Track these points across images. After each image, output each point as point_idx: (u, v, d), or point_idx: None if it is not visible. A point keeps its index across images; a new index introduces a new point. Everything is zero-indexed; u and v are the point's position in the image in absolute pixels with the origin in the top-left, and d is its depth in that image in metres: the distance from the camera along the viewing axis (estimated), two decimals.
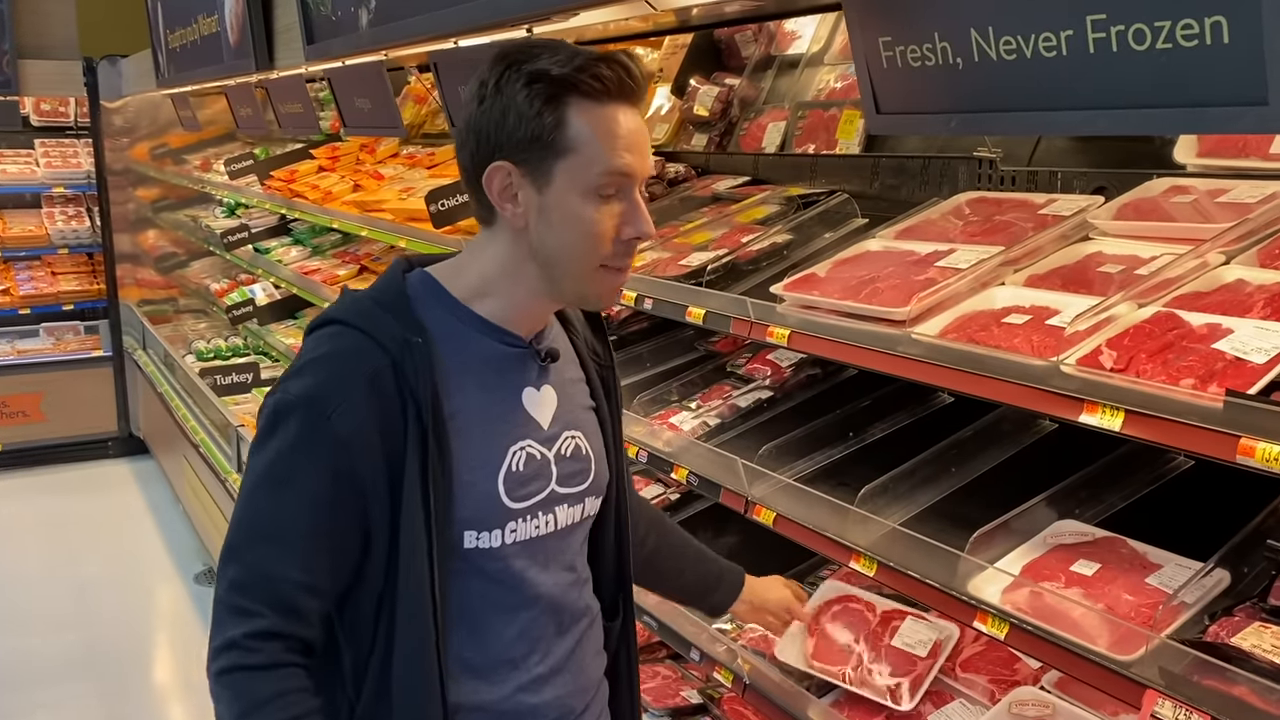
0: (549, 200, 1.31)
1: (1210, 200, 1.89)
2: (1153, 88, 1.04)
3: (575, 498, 1.49)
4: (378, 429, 1.28)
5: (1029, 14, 1.12)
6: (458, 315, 1.38)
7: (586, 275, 1.34)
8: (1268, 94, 0.93)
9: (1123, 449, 1.96)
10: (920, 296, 1.84)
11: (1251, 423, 1.32)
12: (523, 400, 1.41)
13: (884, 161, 2.68)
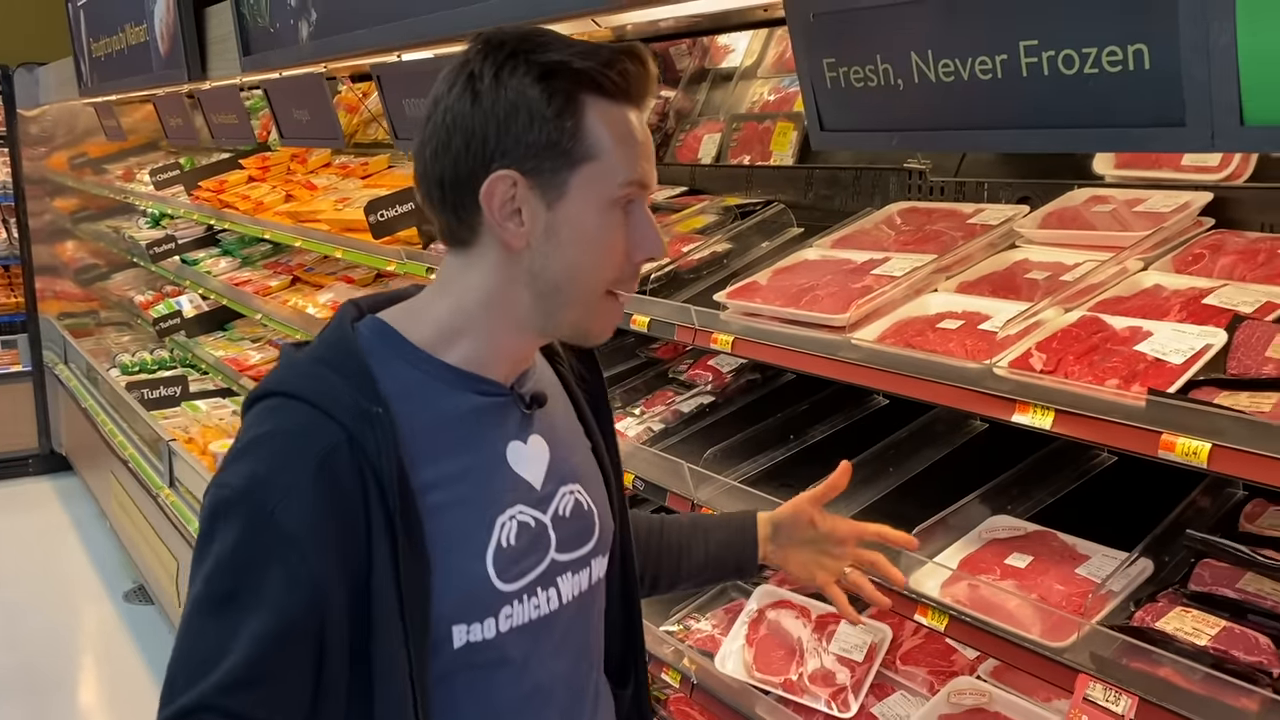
0: (559, 216, 1.11)
1: (1128, 209, 1.99)
2: (1081, 109, 1.12)
3: (579, 562, 1.26)
4: (333, 521, 1.05)
5: (965, 39, 1.20)
6: (422, 368, 1.15)
7: (591, 303, 1.15)
8: (1185, 116, 1.02)
9: (1050, 447, 2.06)
10: (858, 303, 1.92)
11: (1172, 419, 1.41)
12: (507, 459, 1.18)
13: (817, 172, 2.76)
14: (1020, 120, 1.20)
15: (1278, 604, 1.52)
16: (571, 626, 1.26)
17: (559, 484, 1.24)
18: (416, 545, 1.09)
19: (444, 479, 1.13)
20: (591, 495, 1.29)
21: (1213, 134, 0.99)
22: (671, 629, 2.45)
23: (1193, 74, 0.98)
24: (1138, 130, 1.09)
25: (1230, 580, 1.58)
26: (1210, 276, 1.74)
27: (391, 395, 1.11)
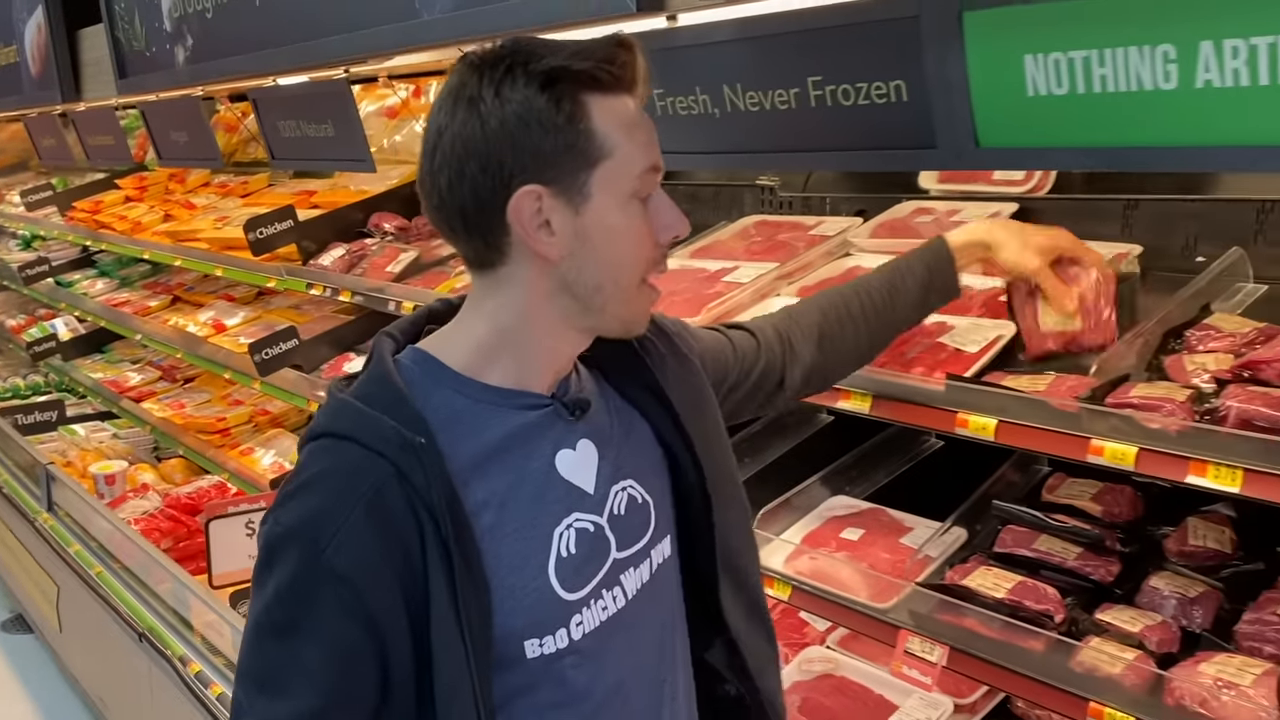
0: (588, 220, 1.10)
1: (947, 219, 2.23)
2: (857, 134, 1.32)
3: (639, 555, 1.25)
4: (386, 557, 1.07)
5: (765, 75, 1.39)
6: (465, 392, 1.15)
7: (632, 296, 1.15)
8: (935, 140, 1.22)
9: (885, 434, 2.29)
10: (709, 307, 2.10)
11: (966, 400, 1.62)
12: (558, 468, 1.18)
13: (681, 189, 2.96)
14: (812, 144, 1.40)
15: (1065, 560, 1.76)
16: (641, 617, 1.24)
17: (612, 482, 1.22)
18: (474, 568, 1.09)
19: (496, 499, 1.13)
20: (646, 486, 1.27)
21: (957, 154, 1.20)
22: None
23: (938, 106, 1.19)
24: (901, 152, 1.30)
25: (1027, 542, 1.81)
26: None
27: (437, 424, 1.11)
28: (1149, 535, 1.82)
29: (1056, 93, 1.07)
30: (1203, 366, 1.52)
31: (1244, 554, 1.72)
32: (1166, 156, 1.05)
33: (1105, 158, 1.10)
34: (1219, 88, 0.96)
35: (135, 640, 3.43)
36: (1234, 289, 1.79)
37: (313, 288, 3.39)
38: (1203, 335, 1.60)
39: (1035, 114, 1.11)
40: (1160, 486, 1.92)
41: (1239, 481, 1.33)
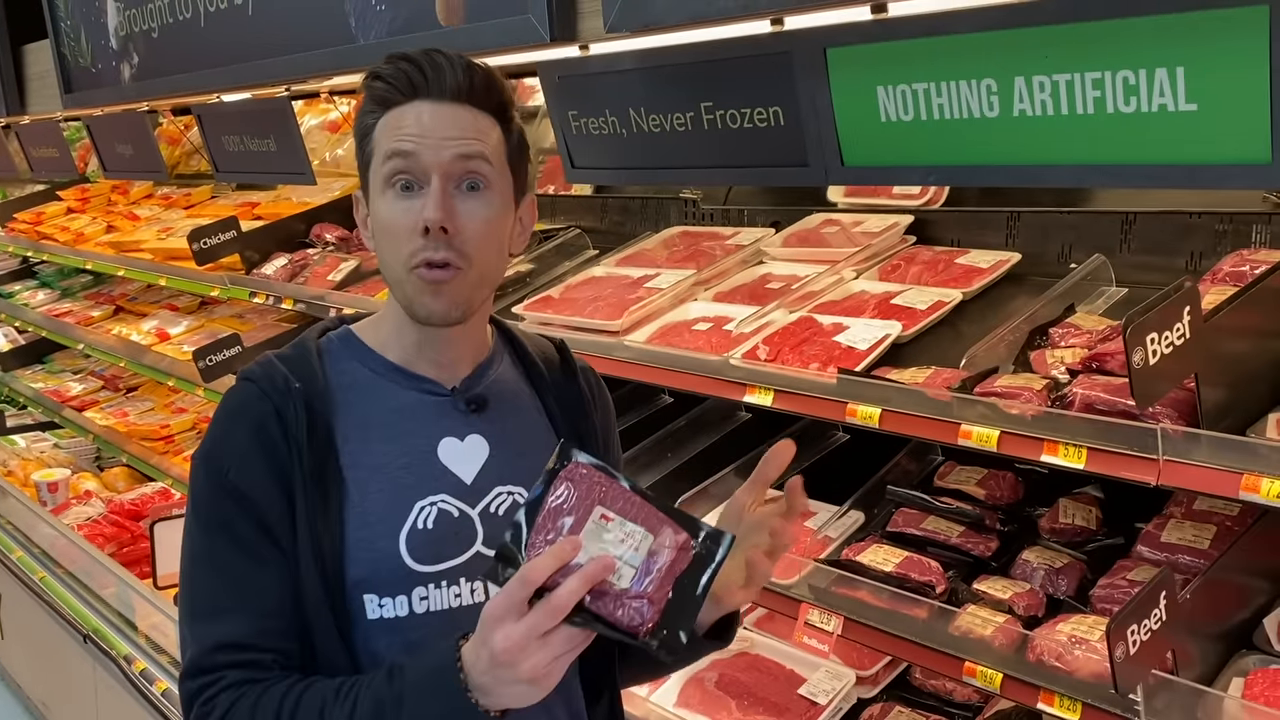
0: (372, 212, 1.25)
1: (852, 229, 2.42)
2: (743, 153, 1.49)
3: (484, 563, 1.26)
4: (273, 477, 1.22)
5: (664, 99, 1.56)
6: (370, 365, 1.30)
7: (404, 280, 1.22)
8: (807, 159, 1.39)
9: (797, 426, 2.46)
10: (630, 311, 2.26)
11: (855, 392, 1.80)
12: (438, 452, 1.27)
13: (611, 201, 3.12)
14: (705, 162, 1.57)
15: (949, 537, 1.94)
16: None
17: (496, 482, 1.29)
18: (330, 509, 1.21)
19: (372, 460, 1.24)
20: None
21: (826, 172, 1.37)
22: None
23: (808, 129, 1.36)
24: (779, 169, 1.47)
25: (917, 522, 1.98)
26: (903, 282, 2.16)
27: (339, 385, 1.27)
28: (1026, 515, 2.00)
29: (904, 119, 1.25)
30: (1061, 360, 1.70)
31: (1108, 530, 1.91)
32: (993, 173, 1.22)
33: (945, 174, 1.27)
34: (1031, 116, 1.14)
35: (80, 642, 3.50)
36: (1098, 292, 1.99)
37: (256, 296, 3.49)
38: (1064, 332, 1.79)
39: (888, 137, 1.28)
40: (1039, 472, 2.12)
41: (1084, 459, 1.51)
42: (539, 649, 1.03)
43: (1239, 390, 1.46)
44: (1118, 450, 1.46)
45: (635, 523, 1.06)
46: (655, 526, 1.06)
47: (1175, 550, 1.69)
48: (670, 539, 1.06)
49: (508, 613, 1.03)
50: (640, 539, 1.06)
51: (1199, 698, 1.42)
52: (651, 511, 1.07)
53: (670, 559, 1.05)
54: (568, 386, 1.41)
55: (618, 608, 1.04)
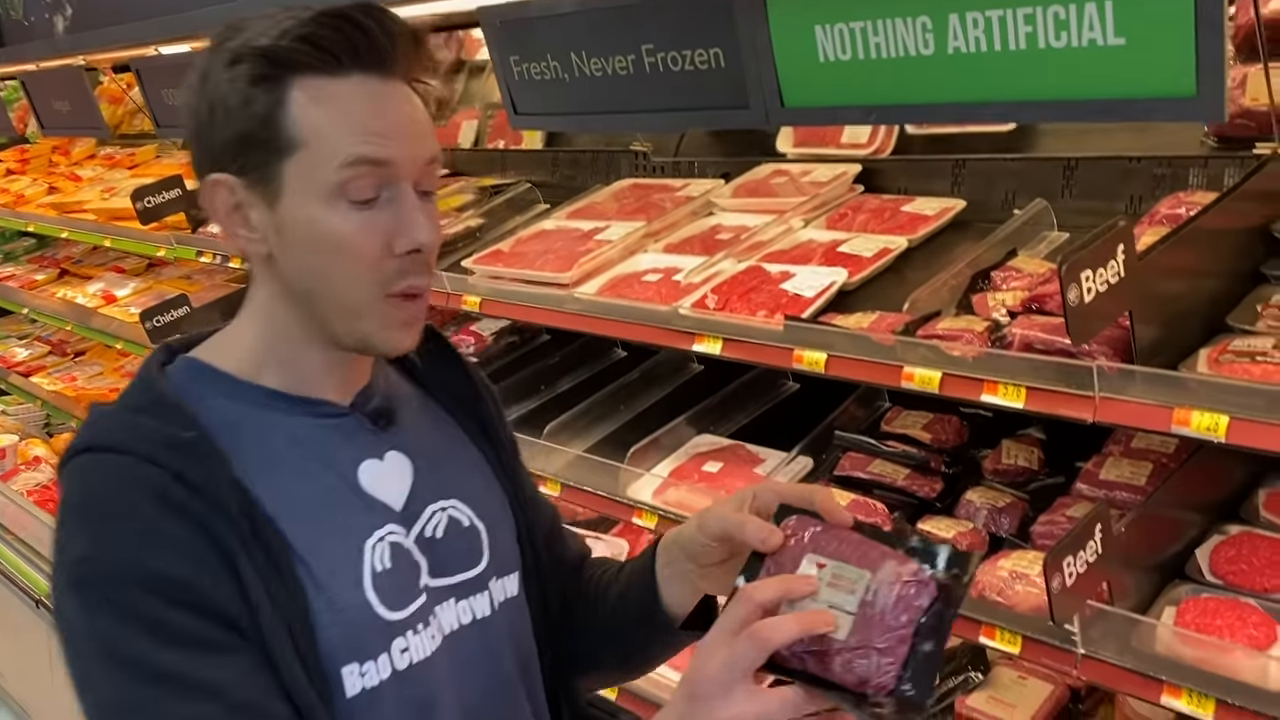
0: (283, 216, 0.98)
1: (801, 179, 2.43)
2: (685, 96, 1.49)
3: (469, 586, 1.11)
4: (208, 548, 0.94)
5: (606, 43, 1.55)
6: (242, 397, 1.04)
7: (364, 310, 1.01)
8: (748, 100, 1.39)
9: (748, 376, 2.48)
10: (580, 263, 2.26)
11: (801, 338, 1.81)
12: (360, 481, 1.06)
13: (561, 155, 3.11)
14: (648, 106, 1.56)
15: (895, 480, 1.97)
16: (471, 659, 1.10)
17: (427, 502, 1.09)
18: (284, 573, 0.96)
19: (295, 506, 1.00)
20: (478, 510, 1.13)
21: (766, 114, 1.38)
22: None
23: (749, 70, 1.36)
24: (721, 112, 1.47)
25: (864, 466, 2.01)
26: (850, 230, 2.18)
27: (216, 429, 0.99)
28: (970, 458, 2.04)
29: (842, 58, 1.25)
30: (1002, 302, 1.73)
31: (1049, 470, 1.95)
32: (931, 112, 1.23)
33: (884, 114, 1.28)
34: (966, 53, 1.15)
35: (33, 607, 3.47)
36: (1040, 236, 2.02)
37: (203, 255, 3.44)
38: (1006, 276, 1.82)
39: (828, 77, 1.29)
40: (984, 416, 2.15)
41: (1023, 398, 1.53)
42: (745, 698, 0.88)
43: (1172, 328, 1.49)
44: (1055, 389, 1.48)
45: (850, 563, 0.92)
46: (874, 561, 0.91)
47: (1113, 487, 1.73)
48: (893, 573, 0.90)
49: (718, 640, 0.91)
50: (856, 580, 0.90)
51: (1133, 626, 1.47)
52: (869, 546, 0.93)
53: (896, 596, 0.89)
54: (451, 373, 1.21)
55: (840, 665, 0.88)
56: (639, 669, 1.31)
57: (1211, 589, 1.56)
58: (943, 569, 0.91)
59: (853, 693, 0.88)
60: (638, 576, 1.19)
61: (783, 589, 0.92)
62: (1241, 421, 1.31)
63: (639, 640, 1.22)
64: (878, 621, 0.89)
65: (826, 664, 0.89)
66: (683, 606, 1.16)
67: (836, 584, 0.91)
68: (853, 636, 0.88)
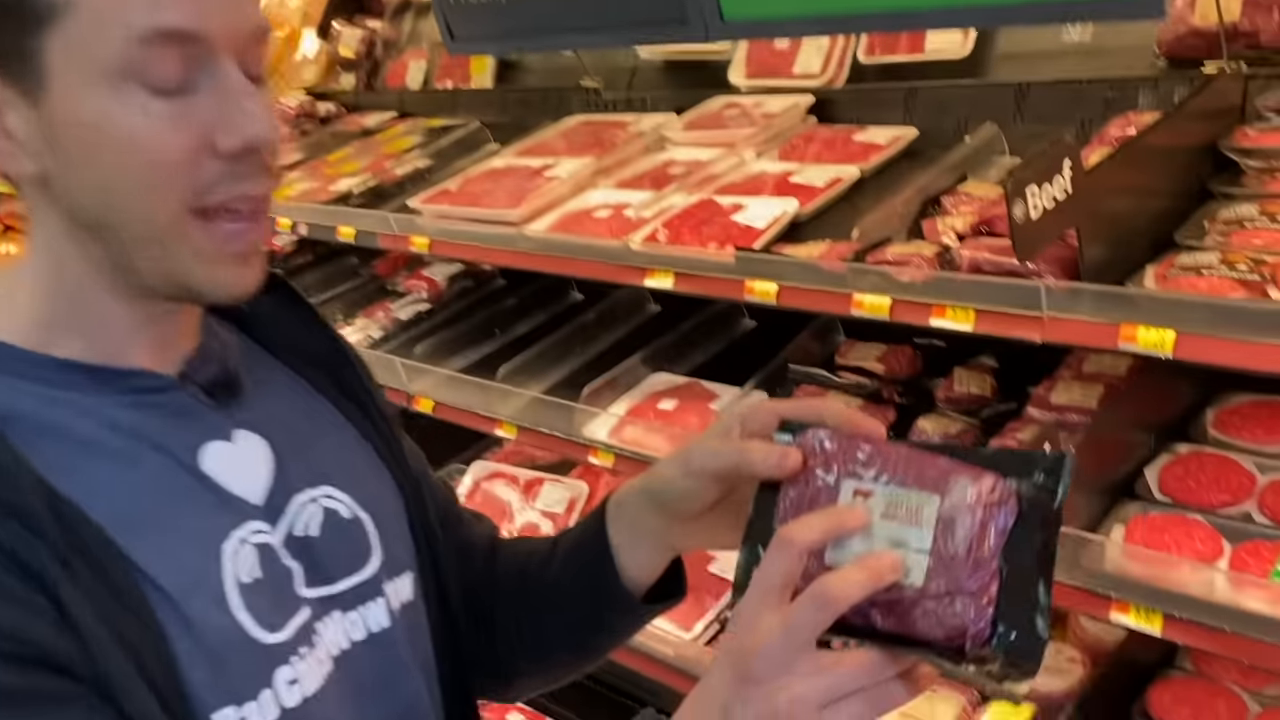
0: (54, 114, 0.73)
1: (753, 111, 2.39)
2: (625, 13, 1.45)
3: (357, 594, 0.86)
4: (17, 582, 0.69)
5: None
6: (35, 374, 0.78)
7: (173, 235, 0.75)
8: (686, 15, 1.36)
9: (708, 312, 2.46)
10: (529, 201, 2.22)
11: (752, 269, 1.79)
12: (204, 468, 0.81)
13: (511, 94, 3.04)
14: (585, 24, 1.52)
15: None
16: (368, 686, 0.86)
17: (293, 492, 0.85)
18: (124, 594, 0.72)
19: (126, 512, 0.75)
20: (360, 497, 0.89)
21: (706, 29, 1.35)
22: None
23: None
24: (659, 27, 1.43)
25: (817, 398, 2.01)
26: (803, 161, 2.15)
27: (6, 419, 0.74)
28: (924, 387, 2.04)
29: None
30: (952, 227, 1.71)
31: (1001, 396, 1.95)
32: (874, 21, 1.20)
33: (824, 25, 1.25)
34: None
35: None
36: (992, 162, 2.00)
37: None
38: (956, 201, 1.80)
39: None
40: (937, 346, 2.15)
41: (972, 320, 1.52)
42: (811, 672, 0.69)
43: (1120, 246, 1.48)
44: (1004, 310, 1.48)
45: (908, 486, 0.73)
46: (941, 481, 0.72)
47: (1064, 410, 1.74)
48: (970, 492, 0.71)
49: (764, 602, 0.71)
50: (920, 507, 0.72)
51: (1082, 545, 1.47)
52: (929, 461, 0.73)
53: (979, 523, 0.71)
54: (303, 331, 0.94)
55: (923, 618, 0.70)
56: (592, 658, 1.06)
57: (1160, 507, 1.57)
58: (1034, 479, 0.72)
59: (943, 648, 0.70)
60: (584, 549, 0.98)
61: (831, 524, 0.72)
62: (1188, 336, 1.31)
63: (591, 626, 1.00)
64: (962, 557, 0.70)
65: (905, 618, 0.70)
66: (648, 575, 0.96)
67: (893, 515, 0.72)
68: (932, 580, 0.70)
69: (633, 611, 0.98)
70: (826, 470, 0.76)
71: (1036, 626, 0.70)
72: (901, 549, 0.71)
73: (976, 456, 0.74)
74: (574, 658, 1.07)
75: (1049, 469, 0.72)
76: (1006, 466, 0.73)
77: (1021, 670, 0.70)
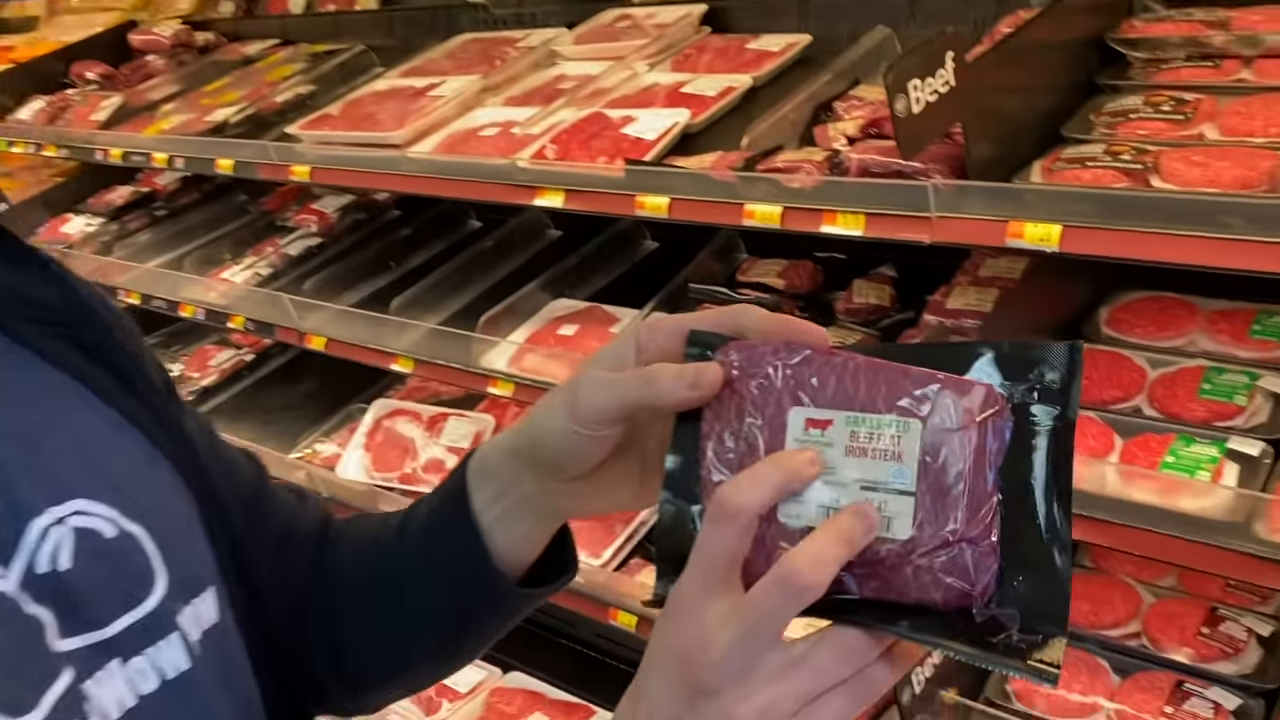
0: None
1: (645, 22, 2.30)
2: None
3: (140, 634, 0.63)
4: None
5: None
6: None
7: None
8: None
9: (603, 238, 2.40)
10: (412, 122, 2.12)
11: (643, 183, 1.72)
12: None
13: (397, 15, 2.90)
14: None
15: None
16: None
17: (32, 514, 0.61)
18: None
19: None
20: (130, 506, 0.66)
21: None
22: (299, 455, 2.63)
23: None
24: None
25: None
26: (695, 71, 2.08)
27: None
28: (824, 301, 2.01)
29: None
30: (843, 132, 1.66)
31: (900, 306, 1.93)
32: None
33: None
34: None
35: None
36: (883, 65, 1.94)
37: (15, 145, 3.16)
38: (848, 105, 1.75)
39: None
40: (838, 259, 2.12)
41: (862, 224, 1.49)
42: (779, 671, 0.55)
43: (1006, 143, 1.45)
44: (893, 212, 1.44)
45: (877, 410, 0.56)
46: (919, 399, 0.56)
47: (960, 315, 1.72)
48: (958, 410, 0.55)
49: (709, 588, 0.56)
50: (895, 435, 0.56)
51: None
52: (898, 374, 0.57)
53: (975, 447, 0.55)
54: (28, 286, 0.68)
55: (914, 578, 0.55)
56: (460, 659, 0.85)
57: None
58: (1034, 381, 0.57)
59: (944, 612, 0.55)
60: (441, 527, 0.76)
61: (783, 475, 0.57)
62: (1074, 229, 1.28)
63: (457, 620, 0.79)
64: (956, 495, 0.54)
65: (890, 580, 0.55)
66: (526, 552, 0.76)
67: (862, 449, 0.56)
68: (923, 529, 0.55)
69: (509, 599, 0.76)
70: (765, 395, 0.58)
71: (1056, 566, 0.55)
72: (878, 492, 0.56)
73: (954, 355, 0.58)
74: (436, 661, 0.85)
75: (1054, 365, 0.57)
76: (1004, 366, 0.58)
77: (1046, 628, 0.54)
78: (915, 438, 0.56)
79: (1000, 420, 0.57)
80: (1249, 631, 1.59)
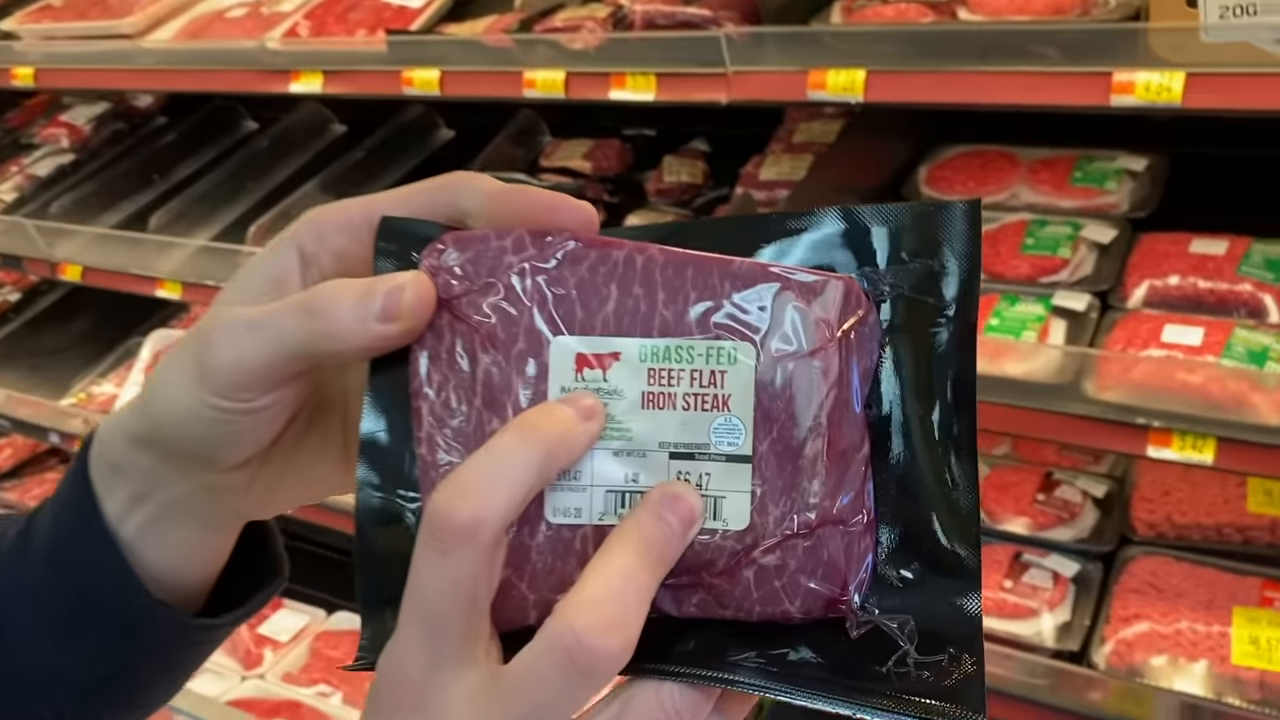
0: None
1: None
2: None
3: None
4: None
5: None
6: None
7: None
8: None
9: (390, 129, 2.16)
10: (145, 7, 1.81)
11: (409, 56, 1.50)
12: None
13: None
14: None
15: None
16: None
17: None
18: None
19: None
20: None
21: None
22: (73, 400, 2.34)
23: None
24: None
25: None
26: None
27: None
28: (634, 182, 1.84)
29: None
30: None
31: (715, 183, 1.78)
32: None
33: None
34: None
35: None
36: None
37: None
38: None
39: None
40: (647, 136, 1.95)
41: (654, 87, 1.31)
42: None
43: None
44: (685, 70, 1.27)
45: (682, 334, 0.36)
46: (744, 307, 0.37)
47: (774, 186, 1.58)
48: (804, 319, 0.36)
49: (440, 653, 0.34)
50: (715, 371, 0.36)
51: None
52: (715, 270, 0.36)
53: (837, 376, 0.36)
54: None
55: (754, 585, 0.36)
56: None
57: None
58: (910, 264, 0.37)
59: (806, 631, 0.37)
60: (68, 549, 0.45)
61: (540, 443, 0.34)
62: (879, 74, 1.14)
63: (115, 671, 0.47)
64: (810, 452, 0.36)
65: (725, 590, 0.37)
66: (199, 567, 0.47)
67: (663, 394, 0.36)
68: (768, 510, 0.36)
69: (177, 635, 0.47)
70: (506, 319, 0.37)
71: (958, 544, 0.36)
72: (696, 460, 0.36)
73: (782, 229, 0.38)
74: None
75: (940, 235, 0.37)
76: (849, 246, 0.38)
77: (950, 643, 0.35)
78: (747, 371, 0.36)
79: (865, 328, 0.37)
80: (1084, 494, 1.54)
